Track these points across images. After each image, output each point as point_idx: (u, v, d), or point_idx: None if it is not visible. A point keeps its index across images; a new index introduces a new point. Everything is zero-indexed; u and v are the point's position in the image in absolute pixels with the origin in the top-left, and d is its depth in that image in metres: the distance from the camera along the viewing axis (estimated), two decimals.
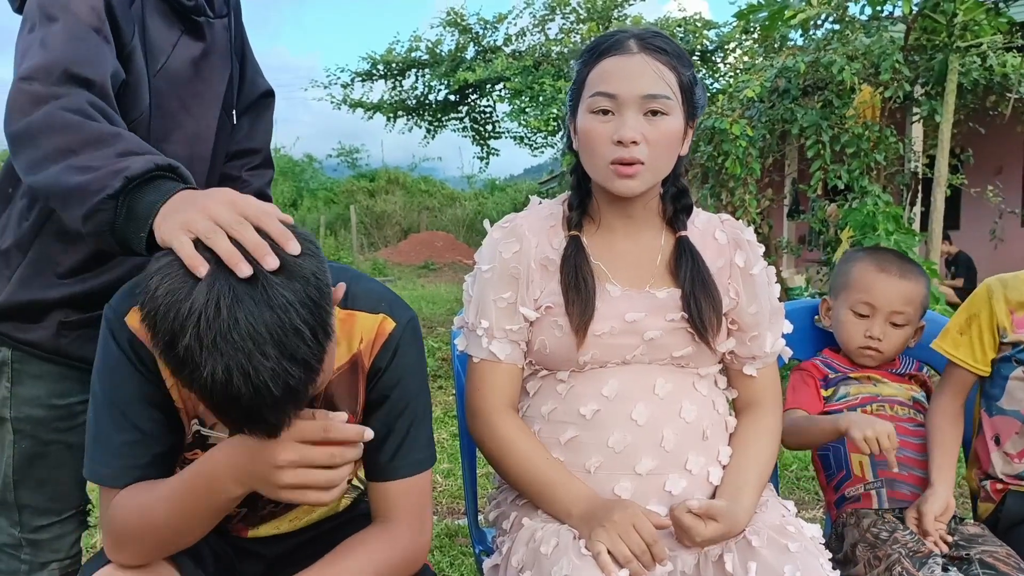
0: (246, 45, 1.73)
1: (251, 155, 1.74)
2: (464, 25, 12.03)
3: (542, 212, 1.58)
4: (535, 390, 1.54)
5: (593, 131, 1.43)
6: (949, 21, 4.84)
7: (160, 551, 1.18)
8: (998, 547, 1.55)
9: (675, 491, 1.42)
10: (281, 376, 0.94)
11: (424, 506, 1.30)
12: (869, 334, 1.80)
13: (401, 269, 18.25)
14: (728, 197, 5.44)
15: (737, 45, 10.15)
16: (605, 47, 1.46)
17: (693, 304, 1.47)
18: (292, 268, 0.97)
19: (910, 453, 1.73)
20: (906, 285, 1.81)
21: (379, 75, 12.68)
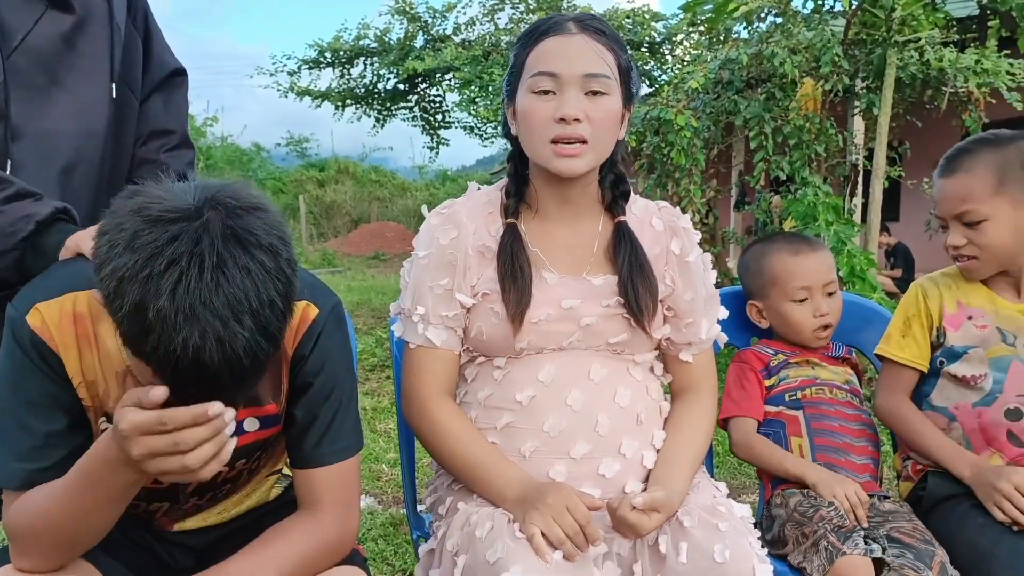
0: (150, 20, 1.72)
1: (167, 135, 1.73)
2: (413, 14, 11.91)
3: (480, 198, 1.58)
4: (472, 376, 1.55)
5: (534, 110, 1.43)
6: (888, 16, 4.94)
7: (66, 551, 1.13)
8: (905, 522, 1.61)
9: (609, 475, 1.45)
10: (253, 347, 0.93)
11: (351, 493, 1.29)
12: (818, 312, 1.86)
13: (351, 260, 18.09)
14: (674, 187, 5.49)
15: (684, 37, 10.25)
16: (544, 29, 1.47)
17: (630, 289, 1.49)
18: (272, 239, 0.96)
19: (848, 439, 1.77)
20: (821, 256, 1.90)
21: (326, 63, 12.50)
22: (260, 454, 1.36)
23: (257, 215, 0.97)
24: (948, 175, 1.67)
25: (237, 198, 0.98)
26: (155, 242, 0.90)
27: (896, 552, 1.50)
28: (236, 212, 0.96)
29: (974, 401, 1.69)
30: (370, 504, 3.41)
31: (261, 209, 0.99)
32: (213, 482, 1.33)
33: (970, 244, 1.64)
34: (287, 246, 0.99)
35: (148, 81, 1.71)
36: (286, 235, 1.00)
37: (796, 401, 1.82)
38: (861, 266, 4.77)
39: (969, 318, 1.71)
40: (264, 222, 0.97)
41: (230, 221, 0.94)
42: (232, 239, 0.93)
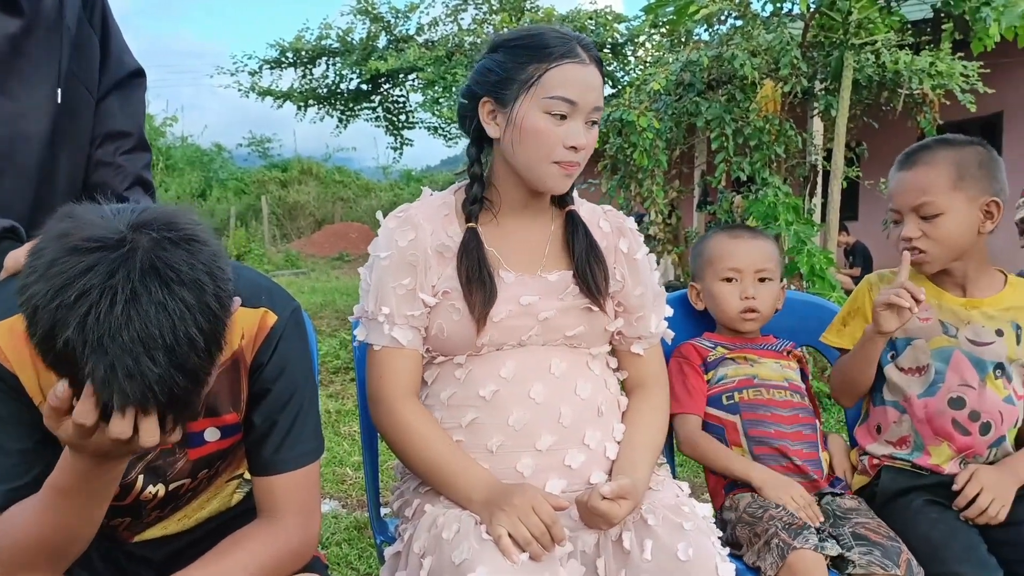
0: (108, 19, 1.68)
1: (123, 138, 1.69)
2: (375, 14, 11.86)
3: (435, 202, 1.62)
4: (433, 378, 1.57)
5: (548, 131, 1.48)
6: (845, 19, 5.02)
7: (57, 561, 1.13)
8: (869, 519, 1.65)
9: (575, 465, 1.48)
10: (168, 383, 0.91)
11: (311, 499, 1.28)
12: (744, 295, 1.90)
13: (315, 261, 17.96)
14: (637, 188, 5.53)
15: (647, 39, 10.32)
16: (563, 51, 1.50)
17: (588, 270, 1.56)
18: (200, 276, 0.94)
19: (786, 443, 1.80)
20: (760, 243, 1.94)
21: (288, 63, 12.41)
22: (220, 463, 1.35)
23: (187, 247, 0.94)
24: (908, 168, 1.71)
25: (171, 228, 0.95)
26: (69, 272, 0.89)
27: (863, 550, 1.53)
28: (164, 244, 0.93)
29: (919, 393, 1.75)
30: (334, 508, 3.39)
31: (195, 241, 0.96)
32: (175, 493, 1.31)
33: (924, 237, 1.68)
34: (216, 280, 0.95)
35: (105, 81, 1.68)
36: (217, 269, 0.96)
37: (733, 404, 1.84)
38: (820, 265, 4.84)
39: None
40: (193, 255, 0.94)
41: (154, 253, 0.92)
42: (151, 272, 0.91)
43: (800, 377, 1.93)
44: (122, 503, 1.23)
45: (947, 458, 1.73)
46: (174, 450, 1.26)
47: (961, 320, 1.74)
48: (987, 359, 1.72)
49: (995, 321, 1.73)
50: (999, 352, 1.72)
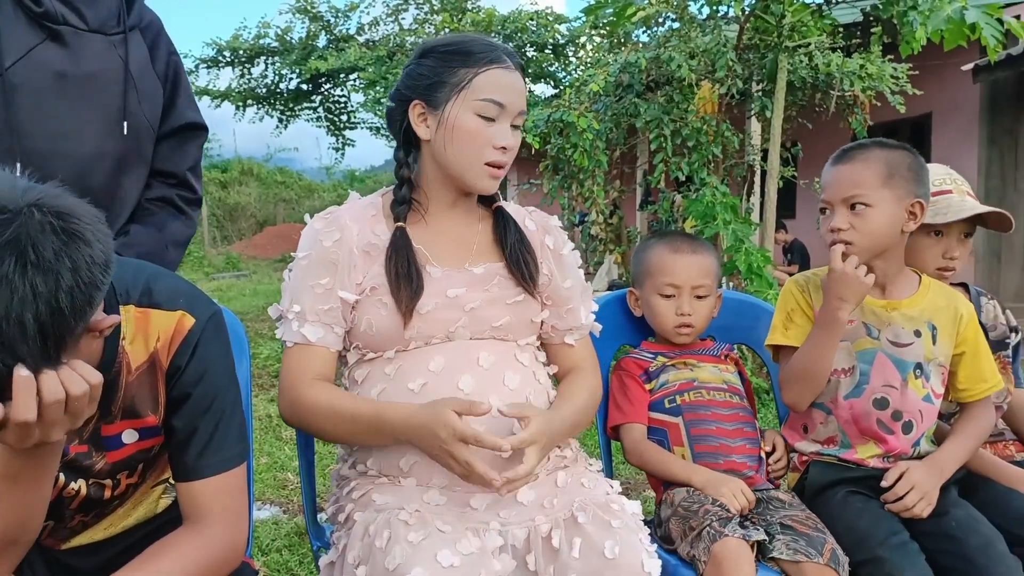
0: (180, 75, 1.96)
1: (168, 176, 1.93)
2: (315, 13, 11.74)
3: (362, 204, 1.66)
4: (364, 376, 1.58)
5: (479, 133, 1.54)
6: (778, 22, 5.11)
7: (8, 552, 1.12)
8: (799, 511, 1.69)
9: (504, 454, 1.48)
10: None
11: (238, 504, 1.27)
12: (680, 311, 1.92)
13: (257, 263, 17.68)
14: (578, 188, 5.57)
15: (587, 40, 10.39)
16: (491, 57, 1.56)
17: (520, 257, 1.62)
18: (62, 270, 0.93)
19: (725, 440, 1.84)
20: (700, 259, 1.95)
21: (225, 62, 12.20)
22: (143, 466, 1.32)
23: (64, 239, 0.94)
24: (843, 163, 1.76)
25: (61, 217, 0.94)
26: None
27: (789, 539, 1.58)
28: (44, 227, 0.92)
29: (845, 394, 1.79)
30: (275, 514, 3.35)
31: (78, 238, 0.95)
32: (99, 499, 1.29)
33: (852, 229, 1.72)
34: (79, 281, 0.94)
35: (165, 126, 1.91)
36: (87, 274, 0.95)
37: (676, 407, 1.88)
38: (758, 263, 4.94)
39: None
40: (66, 248, 0.93)
41: (27, 231, 0.91)
42: (12, 246, 0.90)
43: (739, 379, 1.97)
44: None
45: (873, 454, 1.78)
46: (91, 452, 1.24)
47: (883, 322, 1.79)
48: (907, 359, 1.77)
49: (913, 322, 1.79)
50: (918, 352, 1.78)
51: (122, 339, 1.21)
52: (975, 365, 1.82)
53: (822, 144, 5.26)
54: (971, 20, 4.20)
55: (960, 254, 1.93)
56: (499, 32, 11.28)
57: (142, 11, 1.87)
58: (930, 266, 1.91)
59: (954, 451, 1.76)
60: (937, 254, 1.92)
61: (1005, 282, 9.40)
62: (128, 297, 1.22)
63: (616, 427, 1.89)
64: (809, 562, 1.53)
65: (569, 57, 12.00)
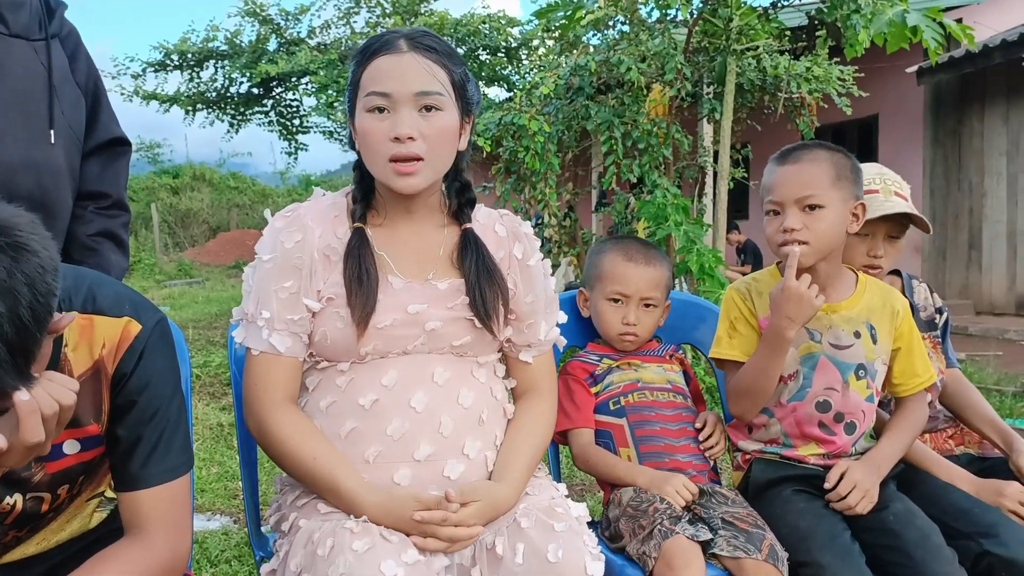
0: (100, 89, 1.91)
1: (101, 198, 1.88)
2: (264, 16, 11.61)
3: (325, 202, 1.58)
4: (315, 384, 1.53)
5: (371, 130, 1.46)
6: (726, 25, 5.17)
7: None
8: (741, 508, 1.71)
9: (453, 476, 1.46)
10: None
11: (181, 514, 1.25)
12: (626, 320, 1.93)
13: (210, 270, 17.42)
14: (530, 191, 5.57)
15: (540, 43, 10.42)
16: (376, 47, 1.49)
17: (478, 293, 1.52)
18: (18, 287, 0.91)
19: (669, 440, 1.85)
20: (652, 271, 1.95)
21: (174, 66, 12.01)
22: (83, 478, 1.29)
23: (12, 254, 0.92)
24: (791, 163, 1.75)
25: (6, 234, 0.92)
26: None
27: (729, 535, 1.60)
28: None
29: (787, 397, 1.81)
30: (225, 524, 3.29)
31: (24, 250, 0.93)
32: (36, 513, 1.26)
33: (805, 229, 1.72)
34: (36, 293, 0.93)
35: (90, 142, 1.85)
36: (41, 283, 0.94)
37: (620, 409, 1.88)
38: (709, 263, 4.98)
39: None
40: (16, 263, 0.92)
41: None
42: None
43: (683, 379, 1.98)
44: None
45: (814, 452, 1.80)
46: (30, 464, 1.21)
47: (823, 325, 1.80)
48: (848, 361, 1.79)
49: (852, 323, 1.81)
50: (858, 354, 1.80)
51: (64, 346, 1.18)
52: (909, 360, 1.84)
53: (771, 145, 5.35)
54: (912, 23, 4.29)
55: (886, 252, 1.96)
56: (451, 35, 11.26)
57: (62, 20, 1.83)
58: (856, 263, 1.94)
59: (890, 447, 1.79)
60: (862, 252, 1.95)
61: (950, 279, 9.63)
62: (71, 304, 1.18)
63: (563, 432, 1.89)
64: (748, 558, 1.55)
65: (522, 60, 12.03)
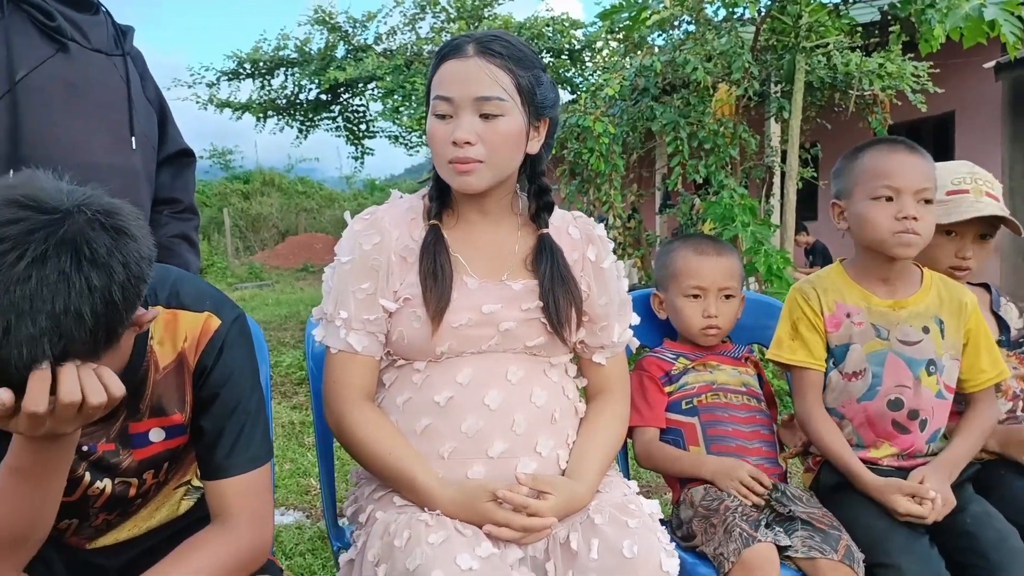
0: (166, 105, 2.05)
1: (174, 203, 2.02)
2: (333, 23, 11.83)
3: (402, 205, 1.62)
4: (391, 381, 1.57)
5: (434, 133, 1.50)
6: (795, 22, 5.10)
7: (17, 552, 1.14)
8: (816, 508, 1.69)
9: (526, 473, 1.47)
10: (35, 349, 0.93)
11: (263, 503, 1.29)
12: (707, 313, 1.92)
13: (279, 272, 17.81)
14: (595, 193, 5.56)
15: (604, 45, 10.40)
16: (445, 52, 1.52)
17: (551, 299, 1.53)
18: (115, 264, 0.97)
19: (741, 442, 1.83)
20: (725, 261, 1.95)
21: (246, 74, 12.31)
22: (168, 465, 1.35)
23: (114, 235, 0.98)
24: (916, 153, 1.72)
25: (108, 215, 0.99)
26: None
27: (805, 534, 1.58)
28: (94, 224, 0.97)
29: (858, 397, 1.77)
30: (298, 519, 3.37)
31: (124, 234, 0.99)
32: (124, 497, 1.32)
33: (921, 221, 1.69)
34: (129, 275, 0.98)
35: (161, 153, 1.99)
36: (136, 267, 0.99)
37: (692, 408, 1.87)
38: (777, 264, 4.92)
39: (847, 316, 1.79)
40: (118, 246, 0.97)
41: (79, 229, 0.95)
42: (68, 244, 0.94)
43: (757, 382, 1.96)
44: (70, 498, 1.24)
45: (887, 454, 1.77)
46: (118, 450, 1.27)
47: (891, 322, 1.77)
48: (918, 357, 1.76)
49: (920, 319, 1.77)
50: (928, 349, 1.76)
51: (150, 339, 1.24)
52: (975, 355, 1.80)
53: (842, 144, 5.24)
54: (990, 17, 4.17)
55: (975, 255, 1.91)
56: None
57: (132, 42, 1.94)
58: (942, 264, 1.89)
59: (961, 448, 1.75)
60: (950, 252, 1.91)
61: None
62: (156, 298, 1.24)
63: (631, 428, 1.89)
64: (823, 558, 1.53)
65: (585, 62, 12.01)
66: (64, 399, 0.98)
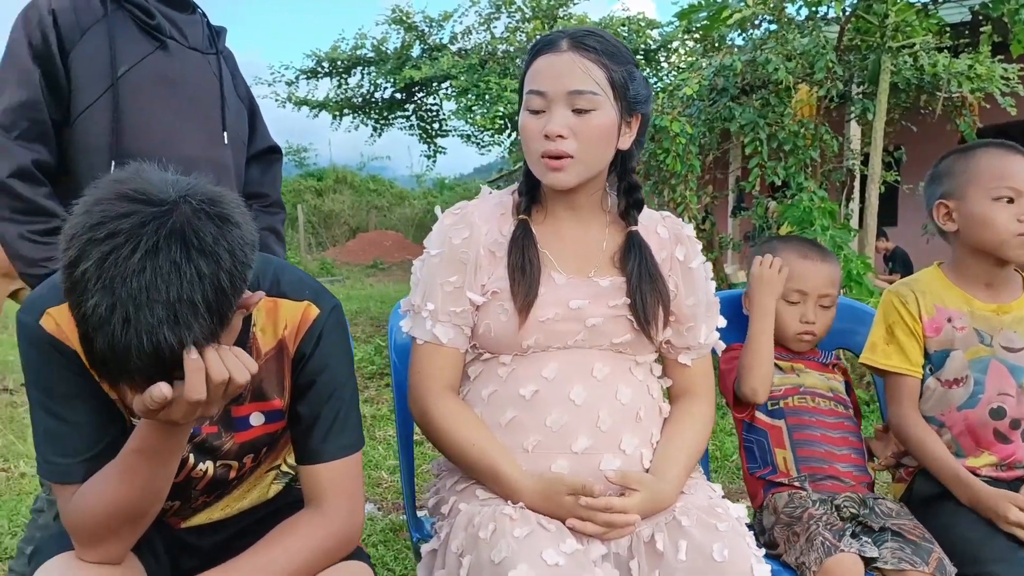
0: (255, 104, 2.13)
1: (263, 198, 2.10)
2: (410, 23, 11.96)
3: (492, 200, 1.63)
4: (476, 374, 1.58)
5: (527, 127, 1.51)
6: (881, 22, 4.98)
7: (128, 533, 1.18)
8: (907, 520, 1.64)
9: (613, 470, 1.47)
10: (155, 337, 0.96)
11: (355, 488, 1.33)
12: (804, 319, 1.88)
13: (350, 268, 18.10)
14: (670, 194, 5.51)
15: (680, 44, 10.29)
16: (539, 47, 1.53)
17: (639, 296, 1.53)
18: (221, 252, 1.00)
19: (830, 447, 1.79)
20: (829, 268, 1.91)
21: (324, 73, 12.52)
22: (265, 449, 1.39)
23: (219, 223, 1.01)
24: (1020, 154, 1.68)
25: (212, 203, 1.02)
26: (108, 212, 0.97)
27: (895, 546, 1.54)
28: (199, 214, 1.00)
29: (958, 405, 1.72)
30: (370, 510, 3.42)
31: (228, 222, 1.02)
32: (224, 479, 1.37)
33: None
34: (236, 261, 1.01)
35: (250, 148, 2.07)
36: (241, 253, 1.02)
37: (778, 410, 1.83)
38: (858, 270, 4.80)
39: (948, 320, 1.74)
40: (223, 234, 1.00)
41: (186, 219, 0.98)
42: (177, 234, 0.97)
43: (845, 389, 1.91)
44: (176, 479, 1.28)
45: (986, 463, 1.71)
46: (220, 433, 1.32)
47: (994, 327, 1.71)
48: (1022, 365, 1.70)
49: None
50: None
51: (253, 326, 1.28)
52: None
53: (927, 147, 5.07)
54: None
55: None
56: None
57: (224, 41, 2.02)
58: None
59: None
60: None
61: None
62: (258, 286, 1.28)
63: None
64: (914, 571, 1.49)
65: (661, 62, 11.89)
66: (215, 379, 1.02)
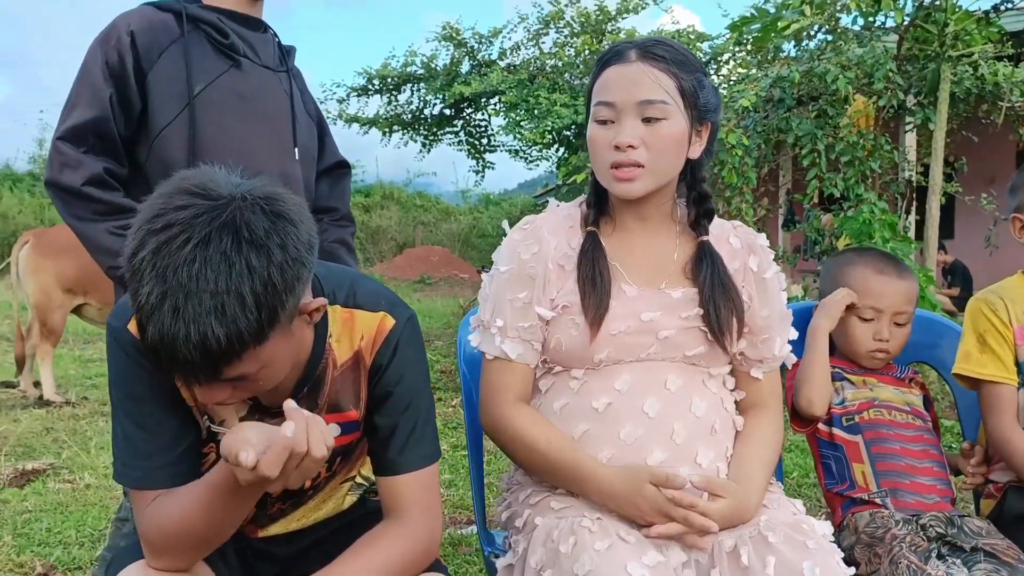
0: (323, 120, 2.16)
1: (332, 212, 2.13)
2: (459, 39, 12.09)
3: (560, 213, 1.62)
4: (547, 387, 1.57)
5: (596, 138, 1.50)
6: (941, 31, 4.90)
7: (199, 551, 1.20)
8: (999, 539, 1.58)
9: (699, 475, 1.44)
10: (202, 327, 0.98)
11: (433, 498, 1.33)
12: (879, 336, 1.82)
13: (397, 284, 18.20)
14: (725, 207, 5.46)
15: (731, 57, 10.23)
16: (607, 58, 1.52)
17: (712, 306, 1.50)
18: (273, 246, 1.02)
19: (911, 460, 1.73)
20: (905, 284, 1.84)
21: (375, 90, 12.70)
22: (339, 459, 1.39)
23: (273, 219, 1.03)
24: None
25: (269, 201, 1.04)
26: (167, 205, 1.00)
27: (990, 567, 1.48)
28: (254, 209, 1.02)
29: None
30: None
31: (284, 219, 1.04)
32: (299, 488, 1.37)
33: None
34: (288, 257, 1.03)
35: (320, 164, 2.10)
36: (294, 250, 1.04)
37: (854, 425, 1.78)
38: (920, 284, 4.70)
39: None
40: (275, 227, 1.02)
41: (240, 213, 1.01)
42: (229, 227, 0.99)
43: (923, 404, 1.86)
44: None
45: None
46: None
47: None
48: None
49: None
50: None
51: (329, 337, 1.28)
52: None
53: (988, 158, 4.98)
54: None
55: None
56: None
57: (294, 60, 2.06)
58: None
59: None
60: None
61: None
62: (335, 298, 1.29)
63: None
64: None
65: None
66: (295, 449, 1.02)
